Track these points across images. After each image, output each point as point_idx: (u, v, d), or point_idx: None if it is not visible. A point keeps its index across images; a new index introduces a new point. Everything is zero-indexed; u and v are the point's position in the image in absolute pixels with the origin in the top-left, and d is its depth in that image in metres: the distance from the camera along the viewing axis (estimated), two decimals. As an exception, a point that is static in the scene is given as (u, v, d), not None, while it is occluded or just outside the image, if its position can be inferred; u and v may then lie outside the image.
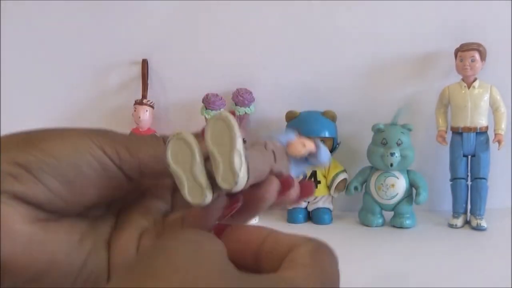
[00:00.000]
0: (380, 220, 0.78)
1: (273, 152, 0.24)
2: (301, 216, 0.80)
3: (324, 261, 0.20)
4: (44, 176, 0.21)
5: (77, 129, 0.23)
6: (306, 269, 0.19)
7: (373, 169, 0.79)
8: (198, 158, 0.21)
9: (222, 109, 0.84)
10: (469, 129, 0.76)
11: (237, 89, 0.85)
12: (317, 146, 0.26)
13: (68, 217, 0.23)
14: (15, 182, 0.21)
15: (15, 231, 0.21)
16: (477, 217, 0.75)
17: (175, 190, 0.27)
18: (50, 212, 0.22)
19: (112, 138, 0.23)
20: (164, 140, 0.23)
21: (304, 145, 0.26)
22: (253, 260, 0.21)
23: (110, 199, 0.24)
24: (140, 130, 0.86)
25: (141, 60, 0.89)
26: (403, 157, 0.75)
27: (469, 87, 0.77)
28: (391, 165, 0.75)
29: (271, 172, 0.24)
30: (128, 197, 0.26)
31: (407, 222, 0.76)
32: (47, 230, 0.22)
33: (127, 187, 0.24)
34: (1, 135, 0.23)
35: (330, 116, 0.80)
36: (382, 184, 0.77)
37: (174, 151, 0.22)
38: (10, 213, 0.21)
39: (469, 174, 0.78)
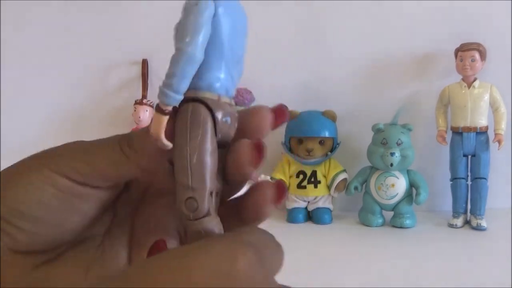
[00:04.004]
0: (380, 220, 0.78)
1: None
2: (301, 216, 0.80)
3: None
4: (17, 222, 0.21)
5: (34, 158, 0.23)
6: None
7: (373, 169, 0.79)
8: None
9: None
10: (469, 129, 0.77)
11: (237, 89, 0.85)
12: None
13: (75, 246, 0.23)
14: (4, 234, 0.21)
15: (16, 284, 0.21)
16: (477, 217, 0.75)
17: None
18: (47, 252, 0.23)
19: (69, 157, 0.22)
20: (119, 140, 0.23)
21: None
22: None
23: (102, 211, 0.24)
24: (140, 130, 0.86)
25: (141, 60, 0.89)
26: (403, 157, 0.75)
27: (469, 87, 0.77)
28: (391, 165, 0.75)
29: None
30: (136, 195, 0.25)
31: (407, 222, 0.76)
32: (49, 272, 0.23)
33: (111, 194, 0.24)
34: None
35: (330, 116, 0.80)
36: (382, 184, 0.77)
37: None
38: (9, 267, 0.21)
39: (469, 174, 0.78)
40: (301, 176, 0.80)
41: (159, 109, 0.21)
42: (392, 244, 0.69)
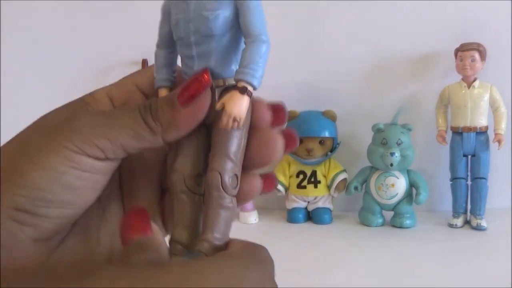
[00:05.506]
0: (380, 220, 0.78)
1: None
2: (301, 216, 0.80)
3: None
4: (42, 210, 0.20)
5: (46, 137, 0.21)
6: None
7: (373, 169, 0.79)
8: None
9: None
10: (469, 129, 0.77)
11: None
12: None
13: (80, 220, 0.23)
14: (24, 227, 0.20)
15: (37, 273, 0.21)
16: (477, 217, 0.75)
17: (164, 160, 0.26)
18: (63, 229, 0.22)
19: (89, 132, 0.21)
20: (140, 110, 0.22)
21: None
22: None
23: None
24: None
25: (141, 60, 0.89)
26: (403, 157, 0.75)
27: (469, 87, 0.77)
28: (391, 165, 0.75)
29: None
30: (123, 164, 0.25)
31: (407, 222, 0.76)
32: (64, 251, 0.22)
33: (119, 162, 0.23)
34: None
35: (330, 116, 0.80)
36: (382, 184, 0.77)
37: None
38: (29, 258, 0.21)
39: (469, 174, 0.78)
40: (301, 176, 0.80)
41: (249, 92, 0.22)
42: (392, 244, 0.69)
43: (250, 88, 0.22)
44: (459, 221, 0.76)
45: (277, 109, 0.24)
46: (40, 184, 0.20)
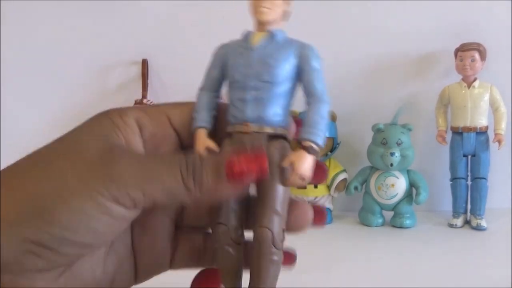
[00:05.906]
0: (380, 220, 0.78)
1: None
2: (301, 216, 0.80)
3: None
4: (63, 249, 0.20)
5: (87, 181, 0.21)
6: None
7: (373, 169, 0.79)
8: None
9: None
10: (469, 129, 0.77)
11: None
12: None
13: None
14: (37, 259, 0.20)
15: None
16: (477, 217, 0.75)
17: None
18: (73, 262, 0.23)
19: (124, 181, 0.21)
20: (181, 168, 0.21)
21: None
22: None
23: None
24: (140, 130, 0.87)
25: (141, 60, 0.89)
26: (403, 157, 0.75)
27: (469, 87, 0.77)
28: (391, 165, 0.75)
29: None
30: None
31: (407, 222, 0.76)
32: (73, 276, 0.23)
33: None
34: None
35: (330, 116, 0.80)
36: (382, 184, 0.77)
37: None
38: (34, 281, 0.21)
39: (469, 174, 0.78)
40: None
41: (315, 152, 0.23)
42: (392, 244, 0.69)
43: (315, 147, 0.23)
44: (459, 221, 0.76)
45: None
46: (68, 226, 0.20)
